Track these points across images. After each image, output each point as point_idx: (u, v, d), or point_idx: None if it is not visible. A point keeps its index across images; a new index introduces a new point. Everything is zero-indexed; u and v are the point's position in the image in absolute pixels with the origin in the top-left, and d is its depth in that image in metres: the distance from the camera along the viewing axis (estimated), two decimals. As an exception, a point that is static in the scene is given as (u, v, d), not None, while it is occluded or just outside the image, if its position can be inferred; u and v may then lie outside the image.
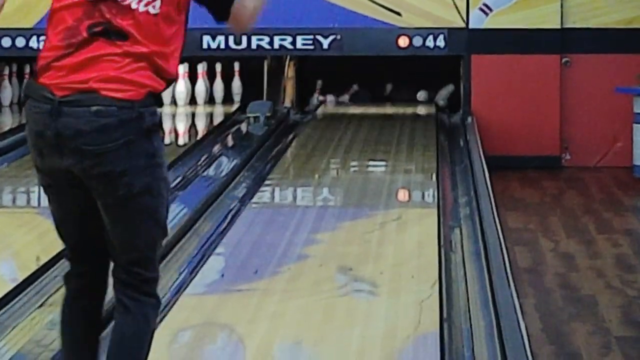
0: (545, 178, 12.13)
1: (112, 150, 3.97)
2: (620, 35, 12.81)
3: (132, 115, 4.00)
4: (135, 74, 4.05)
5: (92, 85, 3.94)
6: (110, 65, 4.00)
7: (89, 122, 3.92)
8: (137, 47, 4.04)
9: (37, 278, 6.97)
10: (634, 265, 8.54)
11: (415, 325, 7.04)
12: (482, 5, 13.08)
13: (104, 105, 3.93)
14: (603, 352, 6.56)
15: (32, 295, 6.70)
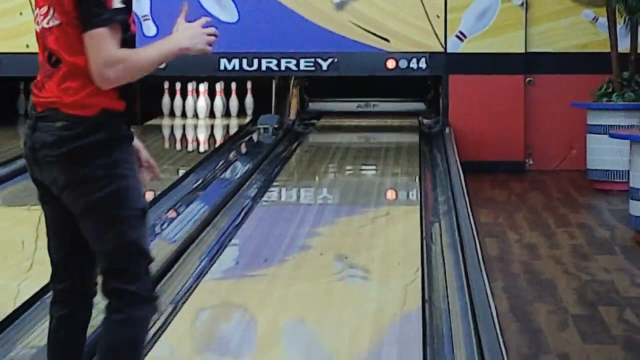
0: (512, 180, 12.10)
1: (69, 160, 3.73)
2: (576, 58, 12.80)
3: (86, 129, 3.73)
4: (83, 92, 3.75)
5: (56, 103, 3.75)
6: (64, 89, 3.75)
7: (51, 135, 3.74)
8: (70, 64, 3.74)
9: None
10: (587, 254, 8.52)
11: (401, 305, 7.02)
12: (458, 32, 13.06)
13: (65, 120, 3.73)
14: (561, 327, 6.54)
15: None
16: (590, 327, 6.54)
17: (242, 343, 5.98)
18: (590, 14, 12.83)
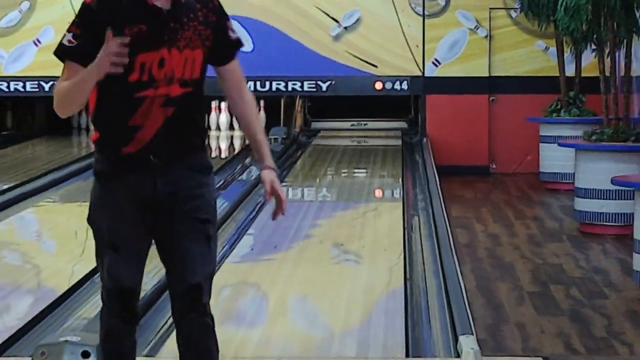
0: (478, 181, 12.07)
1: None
2: (531, 81, 12.78)
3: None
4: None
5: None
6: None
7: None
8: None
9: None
10: (540, 242, 8.50)
11: (387, 284, 7.01)
12: (434, 60, 13.05)
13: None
14: (518, 302, 6.52)
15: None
16: (542, 302, 6.52)
17: (256, 314, 5.98)
18: (543, 45, 12.82)
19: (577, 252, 8.11)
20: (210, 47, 3.24)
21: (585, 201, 9.01)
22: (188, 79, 3.20)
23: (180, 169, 3.26)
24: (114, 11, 3.18)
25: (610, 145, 9.05)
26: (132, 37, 3.14)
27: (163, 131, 3.20)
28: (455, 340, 5.17)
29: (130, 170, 3.24)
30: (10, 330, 5.62)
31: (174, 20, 3.18)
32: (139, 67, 3.16)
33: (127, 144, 3.21)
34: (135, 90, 3.18)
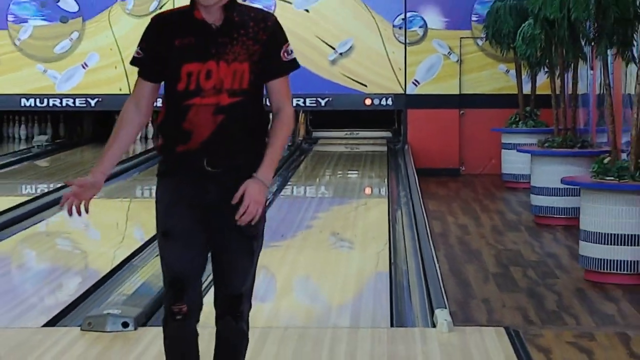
0: (450, 181, 12.05)
1: None
2: (494, 98, 12.76)
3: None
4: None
5: None
6: None
7: None
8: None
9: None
10: (501, 231, 8.49)
11: (375, 266, 7.00)
12: (414, 80, 13.03)
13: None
14: (484, 281, 6.52)
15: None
16: (503, 281, 6.51)
17: (267, 291, 5.95)
18: (504, 68, 12.81)
19: (533, 240, 8.11)
20: (258, 62, 2.98)
21: (539, 197, 9.03)
22: (237, 89, 2.96)
23: (230, 177, 2.99)
24: (167, 25, 3.02)
25: (560, 151, 9.08)
26: (180, 49, 2.96)
27: (214, 137, 2.96)
28: (432, 313, 5.18)
29: (184, 171, 3.01)
30: (63, 305, 5.63)
31: (223, 35, 2.95)
32: (185, 77, 2.95)
33: (181, 144, 2.99)
34: (183, 98, 2.97)
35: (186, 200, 2.99)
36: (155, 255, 6.30)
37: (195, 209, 3.00)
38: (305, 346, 4.47)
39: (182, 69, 2.94)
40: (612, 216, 6.46)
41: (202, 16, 2.96)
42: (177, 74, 2.94)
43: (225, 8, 2.96)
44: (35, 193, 10.31)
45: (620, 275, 6.42)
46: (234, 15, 2.96)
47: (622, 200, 6.46)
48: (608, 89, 7.50)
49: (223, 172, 2.98)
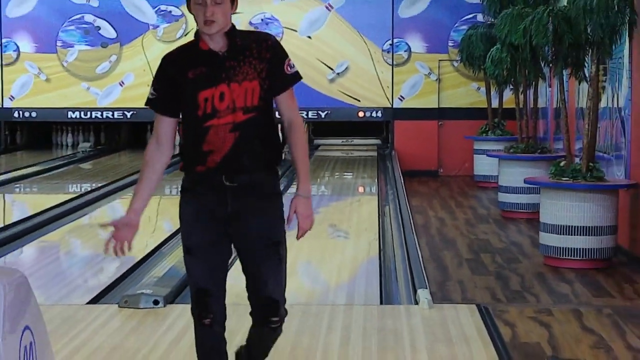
0: (430, 181, 12.06)
1: None
2: (467, 111, 12.77)
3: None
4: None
5: None
6: None
7: None
8: None
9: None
10: (473, 223, 8.50)
11: (367, 253, 7.00)
12: (400, 96, 13.07)
13: None
14: (458, 265, 6.52)
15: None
16: (475, 266, 6.52)
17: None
18: (476, 85, 12.81)
19: (500, 231, 8.11)
20: (265, 78, 2.83)
21: (505, 195, 9.04)
22: (250, 106, 2.79)
23: (250, 192, 2.83)
24: (178, 62, 2.85)
25: (523, 156, 9.10)
26: (194, 79, 2.79)
27: (231, 154, 2.78)
28: (415, 293, 5.17)
29: (204, 187, 2.82)
30: (103, 286, 5.64)
31: (230, 60, 2.79)
32: (202, 102, 2.78)
33: (201, 165, 2.81)
34: (202, 121, 2.79)
35: (208, 215, 2.82)
36: (180, 244, 6.32)
37: (218, 222, 2.82)
38: (308, 321, 4.47)
39: (199, 96, 2.78)
40: (567, 211, 6.47)
41: (208, 46, 2.82)
42: (195, 102, 2.79)
43: (228, 35, 2.81)
44: (80, 191, 10.34)
45: (574, 261, 6.42)
46: (237, 40, 2.82)
47: (575, 198, 6.47)
48: (563, 104, 7.49)
49: (240, 184, 2.80)
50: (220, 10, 2.74)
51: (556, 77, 7.36)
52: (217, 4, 2.73)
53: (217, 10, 2.73)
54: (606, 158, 7.45)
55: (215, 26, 2.75)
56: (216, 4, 2.73)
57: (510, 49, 8.88)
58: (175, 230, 6.94)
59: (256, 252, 2.81)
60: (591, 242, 6.42)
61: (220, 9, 2.74)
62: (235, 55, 2.80)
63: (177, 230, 6.87)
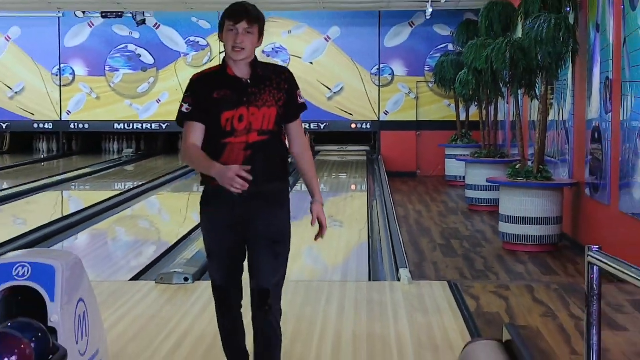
0: (410, 181, 12.05)
1: None
2: (440, 123, 12.76)
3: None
4: None
5: None
6: None
7: None
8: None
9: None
10: (445, 215, 8.50)
11: (358, 239, 6.99)
12: (385, 111, 13.10)
13: None
14: (432, 249, 6.53)
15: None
16: (447, 250, 6.52)
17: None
18: (447, 102, 12.79)
19: (467, 221, 8.11)
20: (282, 106, 2.69)
21: (472, 192, 9.04)
22: (265, 129, 2.64)
23: (258, 201, 2.67)
24: (207, 82, 2.68)
25: (486, 160, 9.11)
26: (218, 100, 2.63)
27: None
28: (397, 271, 5.18)
29: (219, 199, 2.67)
30: (142, 266, 5.65)
31: (252, 87, 2.64)
32: (224, 121, 2.62)
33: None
34: (221, 137, 2.63)
35: (223, 224, 2.68)
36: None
37: (231, 229, 2.68)
38: (310, 294, 4.47)
39: (222, 115, 2.62)
40: (521, 205, 6.47)
41: (233, 73, 2.66)
42: (218, 120, 2.63)
43: (251, 65, 2.67)
44: (124, 189, 10.33)
45: (527, 246, 6.43)
46: (259, 70, 2.67)
47: (528, 194, 6.47)
48: (518, 117, 7.49)
49: (249, 196, 2.62)
50: (249, 40, 2.61)
51: (512, 95, 7.37)
52: (248, 33, 2.61)
53: (246, 39, 2.60)
54: (553, 162, 7.45)
55: (242, 53, 2.62)
56: (247, 33, 2.61)
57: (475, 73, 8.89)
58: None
59: (256, 247, 2.69)
60: (541, 230, 6.43)
61: (249, 38, 2.61)
62: (257, 83, 2.65)
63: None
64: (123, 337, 3.66)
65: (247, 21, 2.59)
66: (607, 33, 5.94)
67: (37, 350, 2.17)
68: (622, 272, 1.78)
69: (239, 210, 2.65)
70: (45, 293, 2.40)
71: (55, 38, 13.59)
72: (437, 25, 12.87)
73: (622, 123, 5.55)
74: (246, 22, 2.59)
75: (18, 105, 13.70)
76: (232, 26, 2.60)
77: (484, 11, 8.64)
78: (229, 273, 2.71)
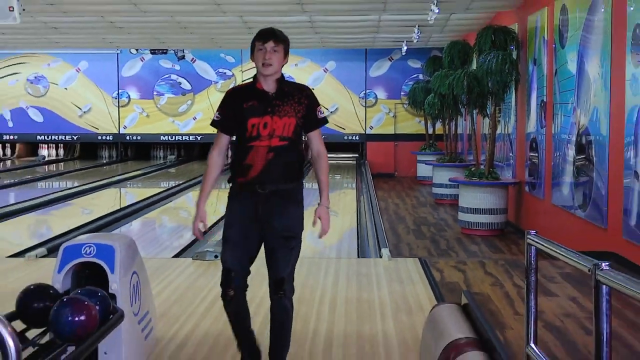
0: (389, 181, 12.03)
1: None
2: (413, 136, 12.76)
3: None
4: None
5: None
6: None
7: None
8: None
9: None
10: (416, 207, 8.49)
11: (349, 225, 6.96)
12: (370, 126, 13.07)
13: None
14: (406, 233, 6.52)
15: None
16: (417, 234, 6.51)
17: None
18: (418, 120, 12.76)
19: (433, 212, 8.10)
20: (301, 118, 2.47)
21: (438, 189, 9.02)
22: (285, 135, 2.44)
23: (276, 198, 2.47)
24: (238, 94, 2.49)
25: (448, 164, 9.08)
26: (247, 109, 2.44)
27: (266, 169, 2.43)
28: (379, 250, 5.18)
29: (243, 195, 2.47)
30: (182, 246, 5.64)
31: (277, 99, 2.45)
32: (250, 127, 2.43)
33: (242, 177, 2.46)
34: (248, 141, 2.43)
35: (244, 217, 2.46)
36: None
37: (251, 222, 2.45)
38: (312, 268, 4.46)
39: (249, 122, 2.43)
40: (475, 199, 6.47)
41: (262, 87, 2.46)
42: (245, 126, 2.43)
43: (278, 82, 2.47)
44: (168, 186, 10.32)
45: (480, 231, 6.42)
46: (284, 87, 2.47)
47: (481, 190, 6.47)
48: (473, 131, 7.48)
49: (269, 193, 2.44)
50: (276, 57, 2.42)
51: (469, 114, 7.37)
52: (275, 51, 2.42)
53: (273, 57, 2.41)
54: (500, 165, 7.45)
55: (270, 69, 2.43)
56: (274, 51, 2.42)
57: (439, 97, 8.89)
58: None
59: (274, 241, 2.46)
60: (491, 218, 6.42)
61: (276, 56, 2.42)
62: (281, 97, 2.45)
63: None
64: (167, 301, 3.65)
65: (274, 41, 2.43)
66: (542, 66, 5.96)
67: (100, 311, 2.17)
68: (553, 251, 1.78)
69: (260, 206, 2.45)
70: (107, 267, 2.41)
71: (114, 70, 13.63)
72: (411, 60, 12.86)
73: (554, 135, 5.58)
74: (273, 42, 2.43)
75: (86, 121, 13.78)
76: (262, 45, 2.43)
77: (447, 49, 8.64)
78: (240, 258, 2.45)
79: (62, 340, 1.98)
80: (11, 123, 13.84)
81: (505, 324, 3.19)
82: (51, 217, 7.64)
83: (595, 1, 4.68)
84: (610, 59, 4.39)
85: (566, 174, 5.24)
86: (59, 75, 13.79)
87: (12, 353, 1.14)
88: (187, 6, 7.65)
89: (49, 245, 5.26)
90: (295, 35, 10.44)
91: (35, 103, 13.82)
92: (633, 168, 4.03)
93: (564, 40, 5.33)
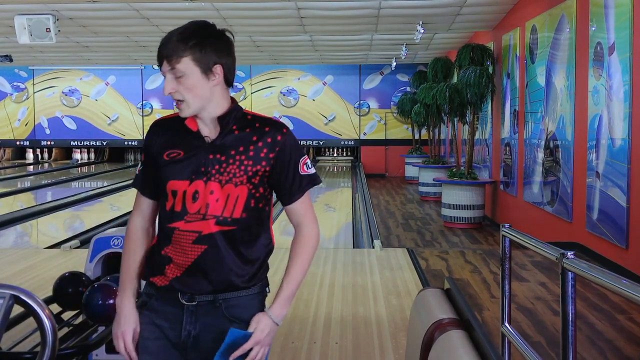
0: (380, 180, 12.02)
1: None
2: (401, 141, 12.75)
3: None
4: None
5: None
6: None
7: None
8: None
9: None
10: (405, 203, 8.48)
11: (345, 219, 6.95)
12: (364, 132, 13.05)
13: None
14: (396, 226, 6.49)
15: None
16: (406, 227, 6.49)
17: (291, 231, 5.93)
18: (406, 126, 12.75)
19: (420, 207, 8.08)
20: (260, 185, 1.22)
21: (423, 187, 9.00)
22: (227, 217, 1.19)
23: (211, 313, 1.21)
24: (161, 134, 1.23)
25: (432, 165, 9.06)
26: (167, 162, 1.20)
27: (192, 270, 1.19)
28: (372, 241, 5.17)
29: (160, 303, 1.23)
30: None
31: (216, 152, 1.19)
32: (170, 195, 1.20)
33: (159, 273, 1.22)
34: (168, 219, 1.21)
35: (162, 336, 1.23)
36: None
37: (172, 346, 1.22)
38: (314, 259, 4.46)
39: (167, 185, 1.20)
40: (456, 196, 6.46)
41: (196, 127, 1.21)
42: (164, 191, 1.22)
43: (223, 118, 1.20)
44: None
45: (461, 224, 6.42)
46: (234, 127, 1.21)
47: (461, 189, 6.46)
48: (454, 137, 7.47)
49: (201, 308, 1.21)
50: (186, 85, 1.17)
51: (450, 122, 7.37)
52: (177, 77, 1.16)
53: (180, 87, 1.17)
54: (478, 167, 7.45)
55: (184, 108, 1.19)
56: (175, 77, 1.17)
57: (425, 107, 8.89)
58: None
59: None
60: (470, 213, 6.42)
61: (185, 83, 1.17)
62: (223, 147, 1.20)
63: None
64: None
65: (168, 61, 1.16)
66: (515, 79, 5.97)
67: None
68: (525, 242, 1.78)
69: (186, 323, 1.21)
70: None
71: (139, 83, 13.60)
72: (399, 74, 12.86)
73: (525, 140, 5.59)
74: (167, 63, 1.17)
75: (114, 129, 13.76)
76: (161, 71, 1.19)
77: (431, 64, 8.64)
78: None
79: (93, 321, 1.98)
80: (48, 130, 13.90)
81: (483, 306, 3.20)
82: (83, 212, 7.64)
83: (562, 22, 4.70)
84: (575, 73, 4.43)
85: (536, 174, 5.26)
86: (90, 88, 13.81)
87: (49, 332, 1.14)
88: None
89: (81, 237, 5.27)
90: (298, 53, 10.45)
91: (70, 113, 13.86)
92: (595, 169, 4.06)
93: (534, 56, 5.35)
